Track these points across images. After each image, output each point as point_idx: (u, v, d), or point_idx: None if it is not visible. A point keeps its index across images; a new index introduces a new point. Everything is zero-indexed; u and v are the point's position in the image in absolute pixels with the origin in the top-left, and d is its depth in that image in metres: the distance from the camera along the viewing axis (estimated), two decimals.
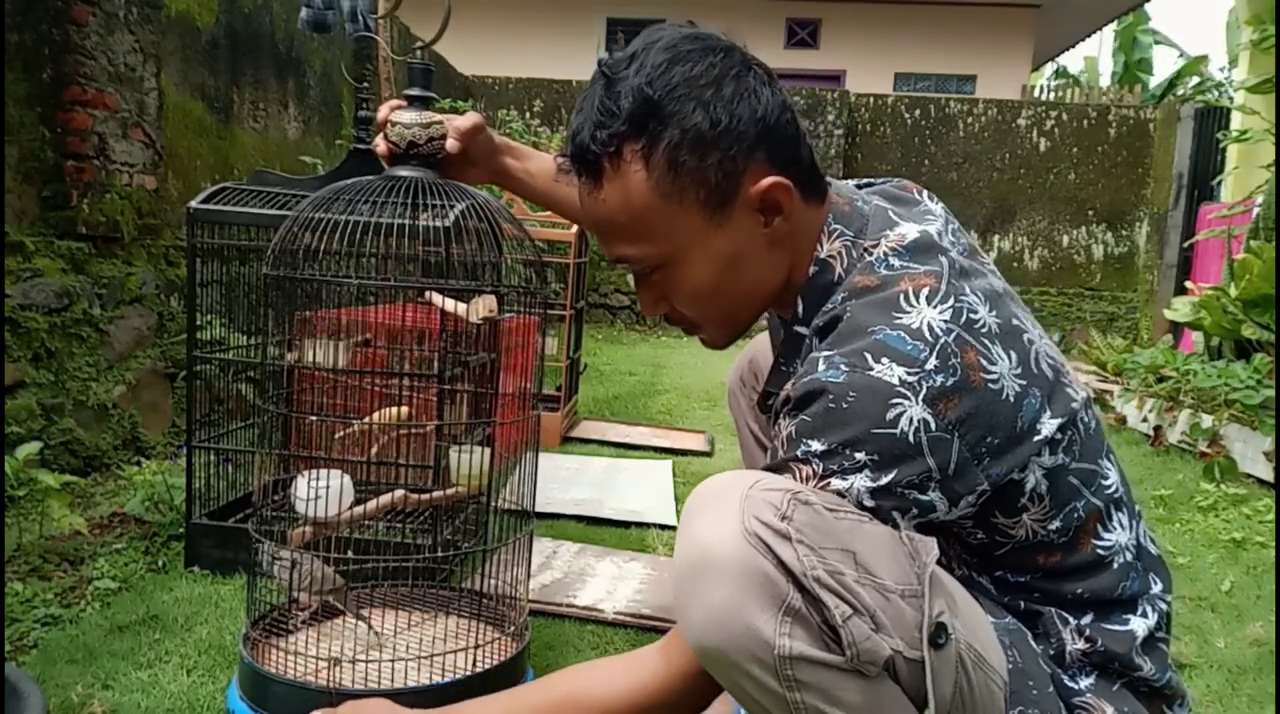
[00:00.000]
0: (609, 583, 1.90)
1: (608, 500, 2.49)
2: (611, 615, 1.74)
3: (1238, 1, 5.54)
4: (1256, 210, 4.42)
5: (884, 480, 0.82)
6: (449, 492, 1.37)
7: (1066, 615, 0.94)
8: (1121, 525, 0.96)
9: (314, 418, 1.37)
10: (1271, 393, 3.26)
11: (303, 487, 1.24)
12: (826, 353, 0.86)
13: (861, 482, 0.82)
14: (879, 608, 0.76)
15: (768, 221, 0.94)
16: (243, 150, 3.82)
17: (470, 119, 1.28)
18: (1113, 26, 12.69)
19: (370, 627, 1.32)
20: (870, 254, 0.93)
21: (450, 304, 1.32)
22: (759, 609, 0.75)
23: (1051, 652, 0.94)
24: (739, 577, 0.75)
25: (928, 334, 0.85)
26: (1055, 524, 0.92)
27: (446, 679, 1.22)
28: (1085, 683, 0.93)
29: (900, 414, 0.82)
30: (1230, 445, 3.20)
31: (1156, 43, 13.44)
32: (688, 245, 0.94)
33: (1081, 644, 0.93)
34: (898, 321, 0.86)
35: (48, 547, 1.93)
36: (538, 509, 2.38)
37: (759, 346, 1.44)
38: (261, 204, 1.87)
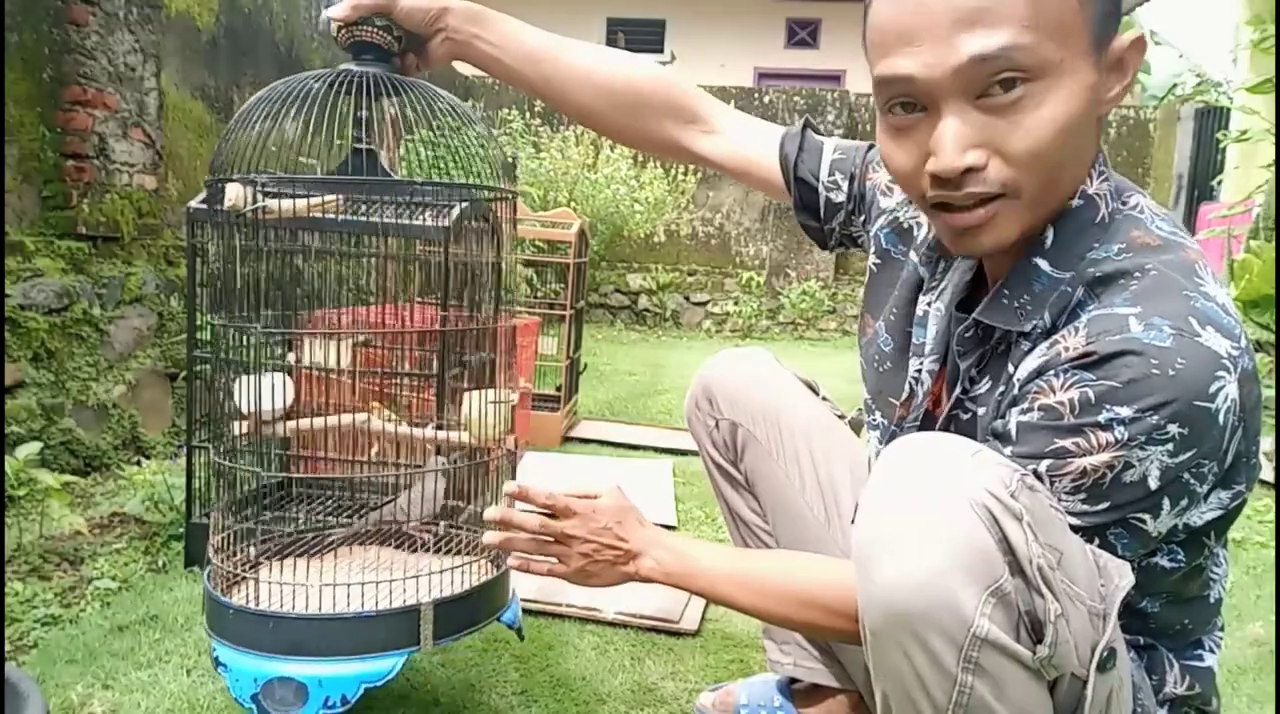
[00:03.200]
0: None
1: None
2: (611, 615, 1.74)
3: (1238, 1, 5.54)
4: (1256, 210, 4.42)
5: (1181, 458, 0.76)
6: (450, 435, 1.32)
7: (1172, 658, 0.92)
8: (1226, 559, 0.94)
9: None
10: (1271, 393, 3.26)
11: (241, 385, 1.24)
12: (1134, 310, 0.77)
13: (1158, 456, 0.75)
14: (1073, 615, 0.73)
15: (1103, 84, 0.81)
16: (243, 150, 3.81)
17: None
18: None
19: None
20: (1127, 205, 0.86)
21: (232, 193, 1.19)
22: (967, 582, 0.70)
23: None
24: (958, 543, 0.71)
25: (1231, 310, 0.78)
26: (1221, 546, 0.89)
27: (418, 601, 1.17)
28: None
29: (1219, 389, 0.75)
30: None
31: (1156, 43, 13.42)
32: (1072, 62, 0.78)
33: (1181, 690, 0.91)
34: (1203, 290, 0.78)
35: (48, 547, 1.93)
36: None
37: (713, 371, 1.35)
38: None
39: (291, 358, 1.37)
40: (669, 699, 1.47)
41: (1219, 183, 6.46)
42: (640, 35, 11.66)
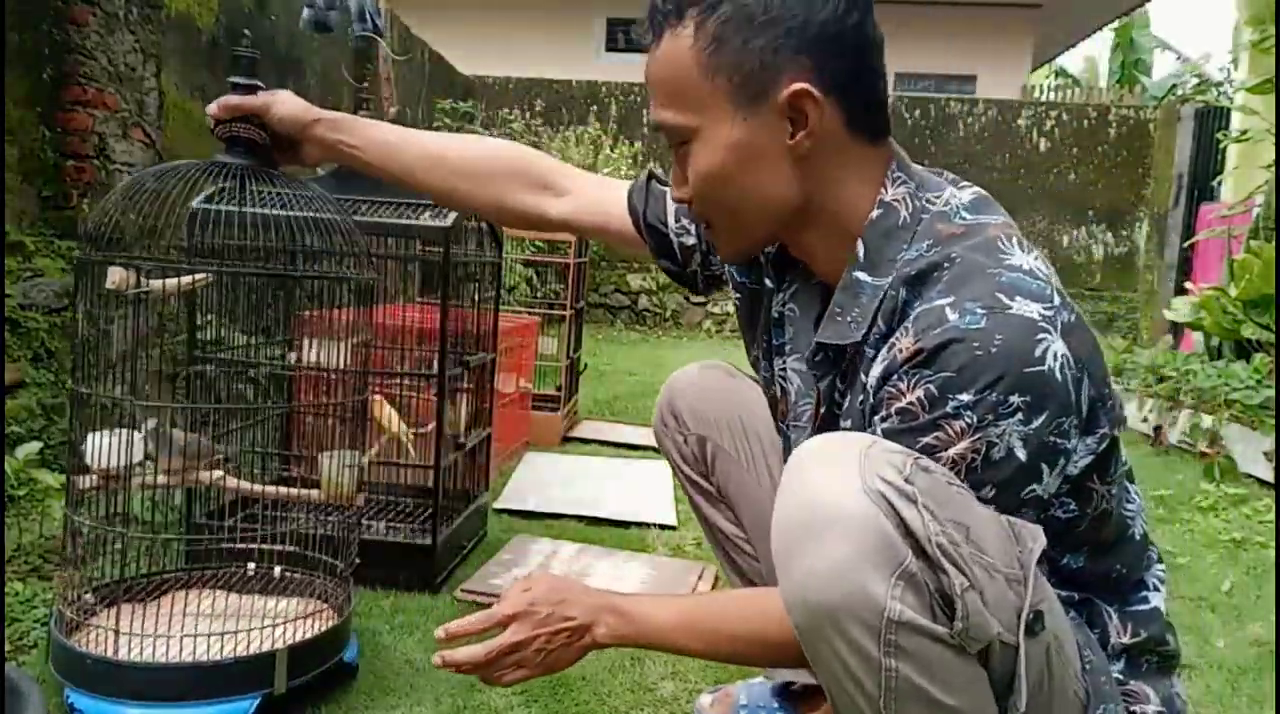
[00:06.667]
0: (608, 583, 1.90)
1: (608, 500, 2.48)
2: None
3: (1238, 2, 5.54)
4: (1256, 210, 4.42)
5: (1036, 424, 0.80)
6: (301, 492, 1.40)
7: (1110, 610, 0.95)
8: (1138, 494, 0.97)
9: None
10: (1271, 393, 3.26)
11: (92, 441, 1.29)
12: (948, 300, 0.82)
13: (1014, 427, 0.80)
14: (987, 586, 0.75)
15: (794, 133, 0.90)
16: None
17: (238, 101, 1.23)
18: (1111, 26, 12.68)
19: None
20: (935, 205, 0.92)
21: (115, 276, 1.28)
22: (873, 569, 0.74)
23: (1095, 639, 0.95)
24: (858, 534, 0.74)
25: (1039, 273, 0.84)
26: (1116, 489, 0.93)
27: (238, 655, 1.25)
28: (1118, 667, 0.94)
29: (1046, 350, 0.80)
30: (1230, 445, 3.20)
31: (1156, 46, 13.43)
32: (710, 126, 0.91)
33: (1126, 638, 0.94)
34: (1007, 262, 0.84)
35: (48, 547, 1.93)
36: (538, 509, 2.39)
37: (678, 386, 1.36)
38: (262, 204, 1.86)
39: (292, 357, 1.37)
40: (669, 699, 1.47)
41: (1219, 183, 6.46)
42: None
